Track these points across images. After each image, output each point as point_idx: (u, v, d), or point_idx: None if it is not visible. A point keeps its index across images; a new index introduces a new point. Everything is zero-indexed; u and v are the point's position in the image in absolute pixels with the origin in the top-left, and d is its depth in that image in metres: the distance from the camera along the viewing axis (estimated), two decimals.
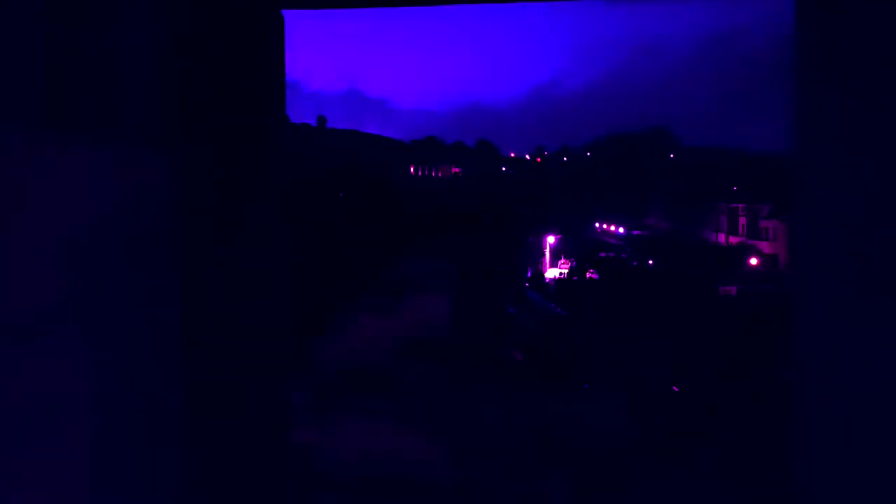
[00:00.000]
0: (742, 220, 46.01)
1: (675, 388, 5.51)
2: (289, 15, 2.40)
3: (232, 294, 2.30)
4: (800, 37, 2.06)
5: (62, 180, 1.76)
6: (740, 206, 46.58)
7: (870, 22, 1.88)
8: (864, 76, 1.89)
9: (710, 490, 3.50)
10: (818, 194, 1.99)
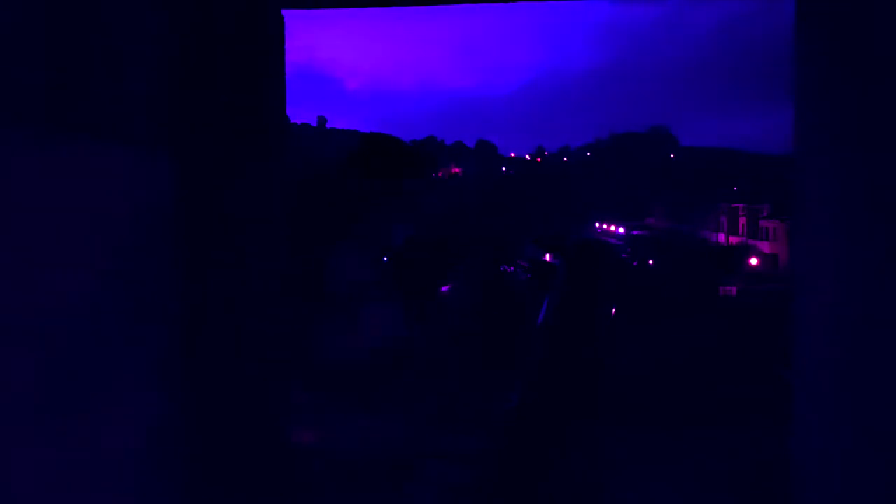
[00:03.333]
0: (742, 220, 45.99)
1: (681, 388, 5.51)
2: (292, 15, 2.40)
3: (233, 296, 2.30)
4: (799, 36, 2.06)
5: (61, 181, 1.76)
6: (740, 205, 46.57)
7: (870, 21, 1.87)
8: (864, 76, 1.88)
9: (709, 490, 3.50)
10: (818, 194, 1.99)
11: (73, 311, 1.81)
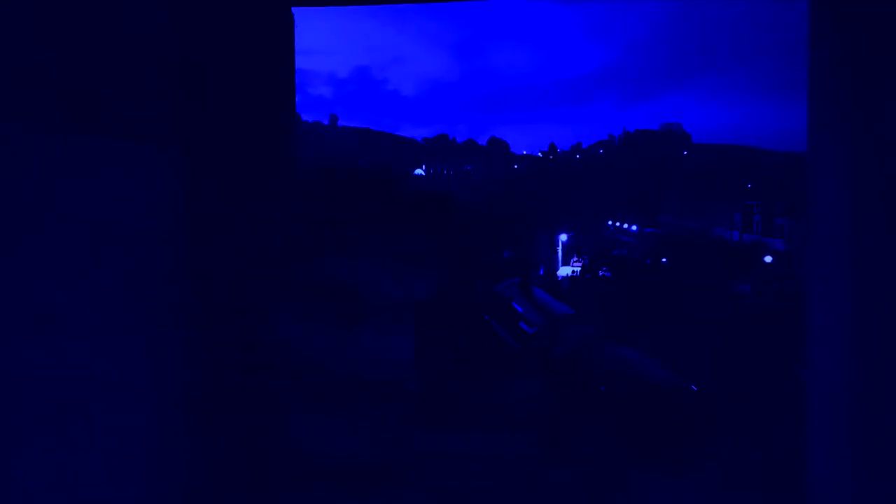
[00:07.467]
0: (756, 218, 45.70)
1: (694, 388, 5.47)
2: (299, 12, 2.39)
3: (235, 292, 2.30)
4: (814, 36, 2.04)
5: (70, 179, 1.77)
6: (754, 203, 46.30)
7: (883, 24, 1.85)
8: (879, 76, 1.86)
9: (724, 488, 3.48)
10: (832, 193, 1.97)
11: (85, 305, 1.81)
